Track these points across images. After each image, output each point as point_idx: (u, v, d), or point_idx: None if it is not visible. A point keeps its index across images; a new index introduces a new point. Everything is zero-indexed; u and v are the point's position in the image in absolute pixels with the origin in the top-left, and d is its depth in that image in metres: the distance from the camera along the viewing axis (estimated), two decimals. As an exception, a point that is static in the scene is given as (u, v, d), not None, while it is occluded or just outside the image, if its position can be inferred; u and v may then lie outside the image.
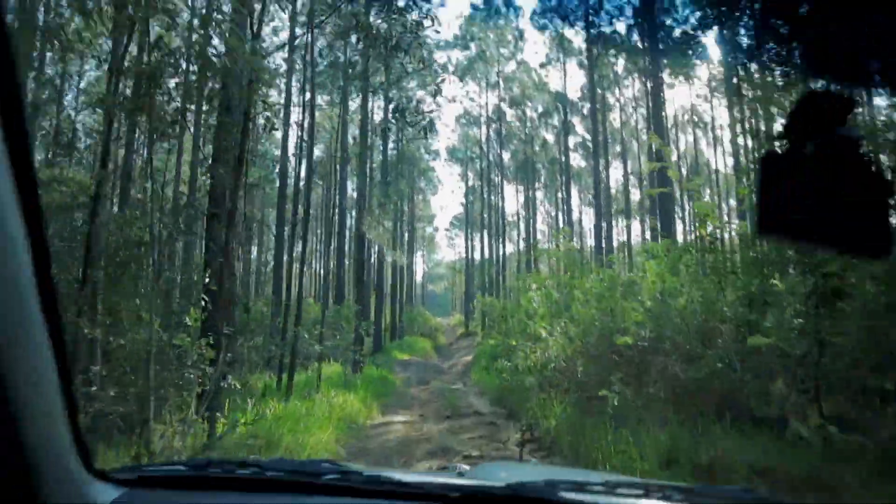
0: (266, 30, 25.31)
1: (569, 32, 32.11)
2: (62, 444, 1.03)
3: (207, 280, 6.70)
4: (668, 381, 6.47)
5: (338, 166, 23.89)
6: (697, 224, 7.52)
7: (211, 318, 6.49)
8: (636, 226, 36.59)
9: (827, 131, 0.70)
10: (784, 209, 0.76)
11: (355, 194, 24.52)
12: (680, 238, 21.75)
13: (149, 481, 1.29)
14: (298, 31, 17.49)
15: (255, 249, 30.09)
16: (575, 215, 40.96)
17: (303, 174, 20.43)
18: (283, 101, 22.51)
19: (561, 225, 35.05)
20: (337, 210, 26.02)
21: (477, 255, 44.17)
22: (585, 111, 35.25)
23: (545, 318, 9.88)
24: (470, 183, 44.08)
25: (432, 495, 1.27)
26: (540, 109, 37.74)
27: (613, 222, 34.56)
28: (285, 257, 21.11)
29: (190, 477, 1.35)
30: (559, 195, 39.90)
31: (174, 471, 1.39)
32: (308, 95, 16.55)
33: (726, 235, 8.15)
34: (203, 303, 6.39)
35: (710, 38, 31.98)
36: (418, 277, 57.45)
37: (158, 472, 1.38)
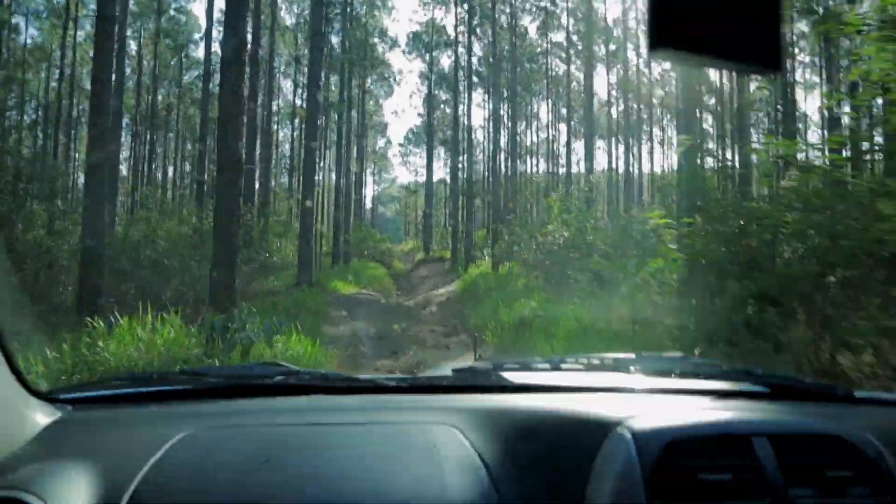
0: None
1: None
2: None
3: None
4: None
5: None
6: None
7: None
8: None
9: None
10: (677, 23, 0.74)
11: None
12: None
13: (92, 399, 1.23)
14: None
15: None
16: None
17: None
18: None
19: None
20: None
21: (435, 177, 36.89)
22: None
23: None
24: (432, 88, 35.94)
25: (382, 387, 1.27)
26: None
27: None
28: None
29: (132, 392, 1.27)
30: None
31: (116, 387, 1.31)
32: None
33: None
34: None
35: None
36: (367, 199, 49.52)
37: (101, 388, 1.31)
